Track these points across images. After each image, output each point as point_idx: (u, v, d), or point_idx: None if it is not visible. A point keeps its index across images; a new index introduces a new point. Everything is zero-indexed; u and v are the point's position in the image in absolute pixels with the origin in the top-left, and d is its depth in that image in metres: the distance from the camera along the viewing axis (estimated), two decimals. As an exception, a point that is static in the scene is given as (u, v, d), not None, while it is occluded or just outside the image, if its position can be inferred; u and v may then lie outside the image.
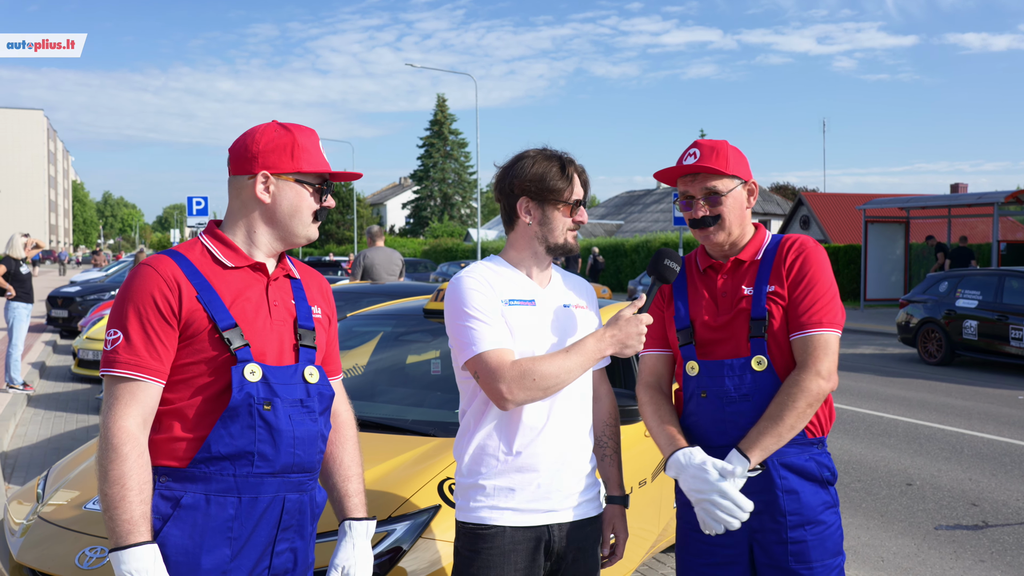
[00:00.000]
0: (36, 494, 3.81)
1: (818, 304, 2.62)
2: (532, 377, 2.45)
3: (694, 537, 2.73)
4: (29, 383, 11.67)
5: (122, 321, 2.15)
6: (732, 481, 2.51)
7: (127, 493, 2.06)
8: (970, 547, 5.82)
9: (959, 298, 14.40)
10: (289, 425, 2.23)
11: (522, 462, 2.55)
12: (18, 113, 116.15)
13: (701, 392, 2.70)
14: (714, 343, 2.71)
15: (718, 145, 2.73)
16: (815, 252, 2.70)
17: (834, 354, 2.60)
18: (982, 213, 24.16)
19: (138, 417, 2.12)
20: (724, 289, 2.75)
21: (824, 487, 2.69)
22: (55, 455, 8.20)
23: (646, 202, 58.51)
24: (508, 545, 2.54)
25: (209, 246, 2.30)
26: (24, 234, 12.34)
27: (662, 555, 5.54)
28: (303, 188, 2.31)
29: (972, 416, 10.13)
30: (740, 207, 2.73)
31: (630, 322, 2.54)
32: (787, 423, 2.54)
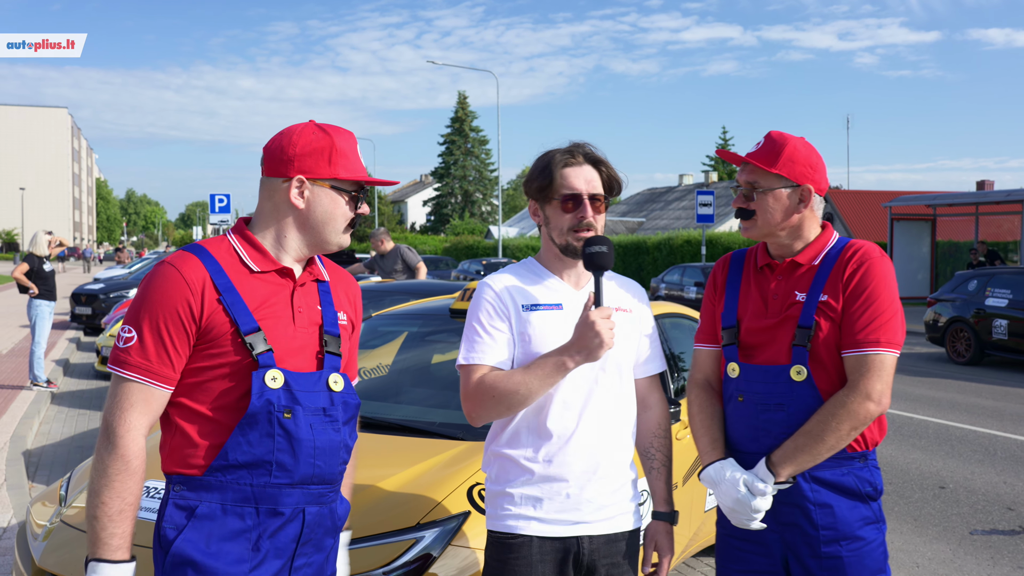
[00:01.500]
0: (59, 496, 3.76)
1: (877, 321, 2.47)
2: (491, 395, 2.40)
3: (732, 544, 2.68)
4: (53, 381, 11.68)
5: (138, 321, 2.08)
6: (761, 499, 2.49)
7: (128, 509, 2.03)
8: (1008, 553, 5.68)
9: (989, 297, 14.20)
10: (310, 434, 2.14)
11: (549, 471, 2.48)
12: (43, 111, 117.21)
13: (739, 395, 2.63)
14: (757, 347, 2.62)
15: (783, 141, 2.59)
16: (879, 263, 2.53)
17: (888, 376, 2.46)
18: (1010, 211, 23.86)
19: (147, 427, 2.06)
20: (776, 291, 2.63)
21: (864, 502, 2.57)
22: (79, 453, 8.19)
23: (668, 199, 58.25)
24: (536, 556, 2.46)
25: (236, 246, 2.22)
26: (47, 232, 12.38)
27: (693, 559, 5.45)
28: (339, 196, 2.23)
29: (1004, 417, 9.95)
30: (780, 208, 2.57)
31: (585, 325, 2.33)
32: (826, 443, 2.45)
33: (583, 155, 2.57)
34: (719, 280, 2.80)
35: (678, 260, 34.21)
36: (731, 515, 2.56)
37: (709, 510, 4.83)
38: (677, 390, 4.77)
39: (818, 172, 2.60)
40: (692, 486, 4.57)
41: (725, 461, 2.58)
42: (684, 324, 5.29)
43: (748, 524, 2.52)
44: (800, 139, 2.61)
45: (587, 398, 2.50)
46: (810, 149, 2.61)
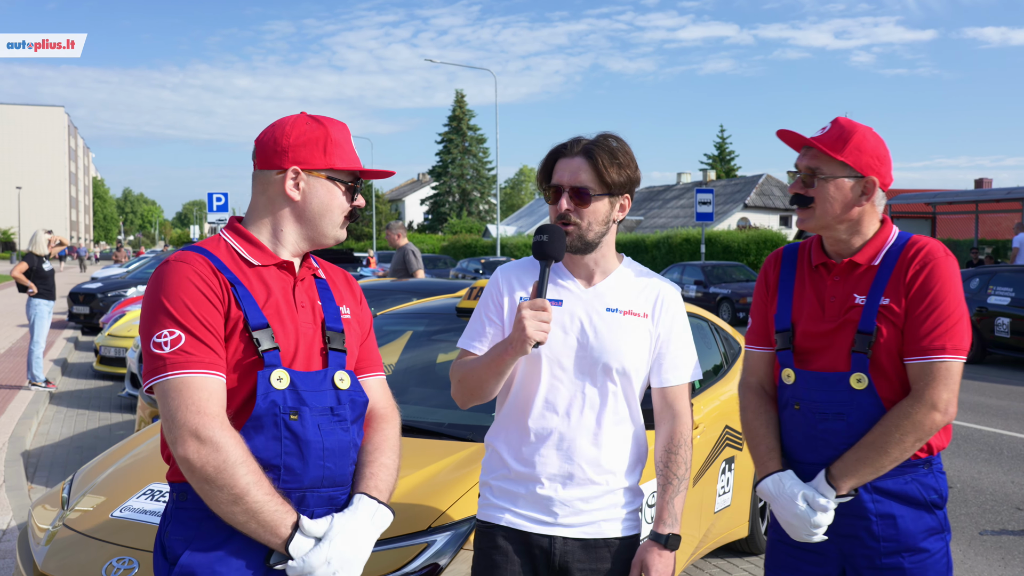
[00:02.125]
0: (61, 499, 3.69)
1: (943, 326, 2.33)
2: (457, 377, 2.49)
3: (784, 551, 2.58)
4: (51, 380, 11.61)
5: (174, 318, 1.96)
6: (823, 515, 2.38)
7: (265, 482, 1.97)
8: (1019, 553, 5.63)
9: (991, 295, 14.14)
10: (318, 436, 2.07)
11: (524, 469, 2.44)
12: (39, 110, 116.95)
13: (795, 403, 2.51)
14: (813, 352, 2.48)
15: (851, 129, 2.43)
16: (944, 264, 2.38)
17: (955, 384, 2.34)
18: (1010, 208, 23.83)
19: (224, 416, 1.97)
20: (833, 293, 2.48)
21: (930, 511, 2.45)
22: (78, 454, 8.13)
23: (666, 198, 58.22)
24: (512, 548, 2.44)
25: (233, 244, 2.15)
26: (47, 231, 12.31)
27: (702, 561, 5.39)
28: (335, 186, 2.17)
29: (1009, 416, 9.90)
30: (842, 199, 2.41)
31: (516, 319, 2.21)
32: (890, 456, 2.35)
33: (581, 146, 2.46)
34: (771, 278, 2.66)
35: (677, 258, 34.16)
36: (789, 529, 2.46)
37: (719, 511, 4.78)
38: (686, 390, 4.71)
39: (885, 165, 2.45)
40: (702, 487, 4.51)
41: (784, 473, 2.47)
42: (691, 323, 5.21)
43: (808, 539, 2.42)
44: (869, 128, 2.46)
45: (571, 401, 2.41)
46: (879, 140, 2.46)
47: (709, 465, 4.59)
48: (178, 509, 2.05)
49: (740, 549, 5.45)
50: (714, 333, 5.46)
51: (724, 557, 5.45)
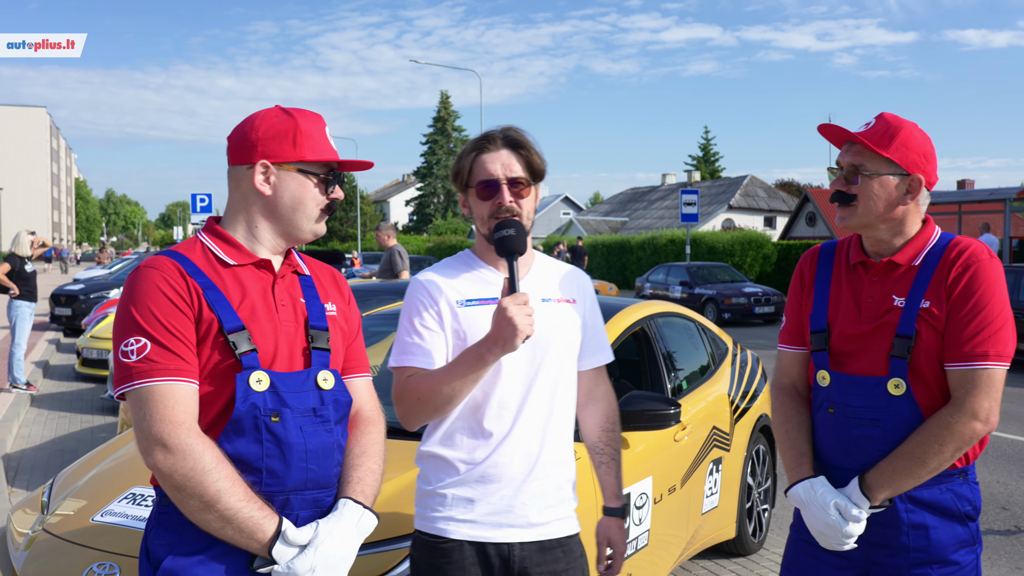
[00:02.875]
0: (41, 503, 3.63)
1: (986, 331, 2.24)
2: (415, 395, 2.30)
3: (806, 551, 2.50)
4: (33, 383, 11.50)
5: (141, 327, 1.94)
6: (855, 525, 2.31)
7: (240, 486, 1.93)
8: (1004, 553, 5.63)
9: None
10: (300, 438, 2.03)
11: (484, 472, 2.36)
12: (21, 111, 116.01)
13: (829, 407, 2.44)
14: (850, 355, 2.41)
15: (898, 125, 2.35)
16: (988, 267, 2.29)
17: (997, 392, 2.24)
18: (993, 209, 23.94)
19: (193, 423, 1.93)
20: (871, 294, 2.40)
21: (963, 523, 2.36)
22: (59, 456, 8.04)
23: (651, 199, 58.29)
24: (468, 560, 2.35)
25: (209, 244, 2.11)
26: (30, 232, 12.18)
27: (690, 562, 5.37)
28: (307, 179, 2.11)
29: (993, 416, 9.91)
30: (886, 198, 2.34)
31: (499, 314, 2.16)
32: (928, 466, 2.27)
33: (501, 139, 2.44)
34: (807, 276, 2.58)
35: (662, 259, 34.20)
36: (820, 538, 2.38)
37: (707, 512, 4.76)
38: (673, 390, 4.70)
39: (931, 164, 2.37)
40: (690, 487, 4.49)
41: (816, 480, 2.39)
42: (676, 323, 5.22)
43: (839, 547, 2.35)
44: (915, 124, 2.39)
45: (525, 396, 2.39)
46: (925, 138, 2.38)
47: (697, 466, 4.57)
48: (161, 514, 2.02)
49: (728, 550, 5.43)
50: (701, 333, 5.44)
51: (712, 559, 5.43)
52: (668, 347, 4.89)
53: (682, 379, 4.94)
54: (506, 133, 2.45)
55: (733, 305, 21.06)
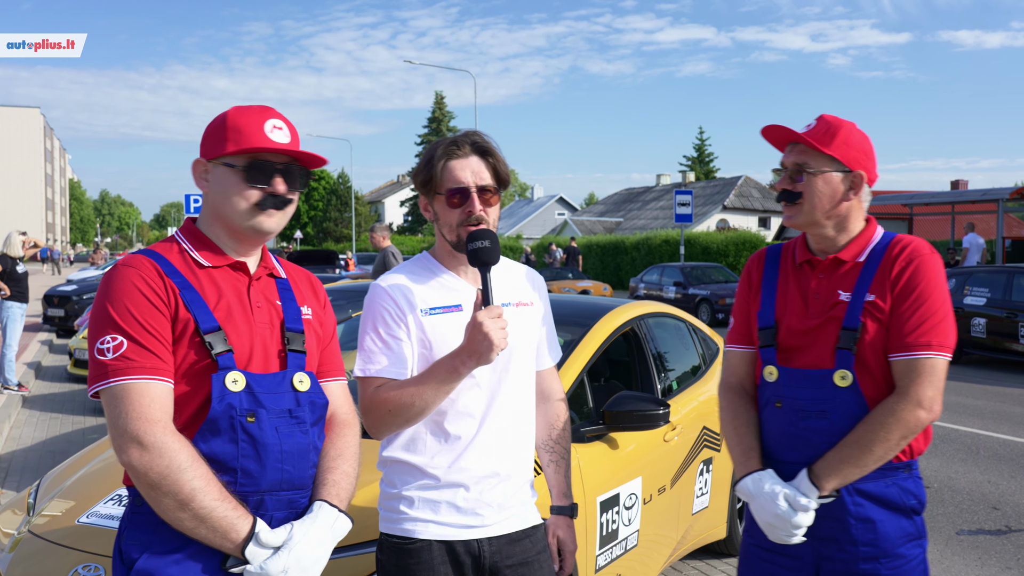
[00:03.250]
0: (27, 505, 3.62)
1: (928, 323, 2.31)
2: (386, 408, 2.27)
3: (758, 555, 2.54)
4: (24, 384, 11.47)
5: (117, 324, 1.94)
6: (804, 515, 2.33)
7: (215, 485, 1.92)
8: (995, 553, 5.64)
9: (967, 295, 14.22)
10: (276, 438, 2.03)
11: (449, 477, 2.37)
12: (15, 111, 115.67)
13: (776, 401, 2.48)
14: (797, 349, 2.46)
15: (837, 124, 2.42)
16: (929, 261, 2.37)
17: (940, 381, 2.32)
18: (986, 210, 24.02)
19: (168, 421, 1.93)
20: (817, 290, 2.46)
21: (908, 516, 2.42)
22: (50, 458, 8.01)
23: (645, 199, 58.34)
24: (436, 560, 2.35)
25: (186, 245, 2.12)
26: (21, 232, 12.13)
27: (680, 563, 5.36)
28: (229, 171, 2.07)
29: (985, 416, 9.95)
30: (831, 194, 2.40)
31: (474, 327, 2.15)
32: (875, 454, 2.31)
33: (469, 145, 2.42)
34: (754, 277, 2.64)
35: (656, 260, 34.22)
36: (769, 530, 2.41)
37: (697, 512, 4.75)
38: (663, 391, 4.70)
39: (871, 160, 2.45)
40: (680, 488, 4.49)
41: (764, 472, 2.43)
42: (668, 323, 5.22)
43: (788, 540, 2.38)
44: (854, 124, 2.46)
45: (490, 402, 2.40)
46: (864, 136, 2.45)
47: (687, 466, 4.57)
48: (134, 513, 2.02)
49: (719, 550, 5.43)
50: (692, 334, 5.44)
51: (702, 559, 5.43)
52: (658, 347, 4.88)
53: (672, 379, 4.94)
54: (473, 139, 2.43)
55: (727, 305, 21.05)
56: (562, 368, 3.93)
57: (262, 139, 2.07)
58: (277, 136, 2.10)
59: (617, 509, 3.86)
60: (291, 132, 2.14)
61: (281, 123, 2.12)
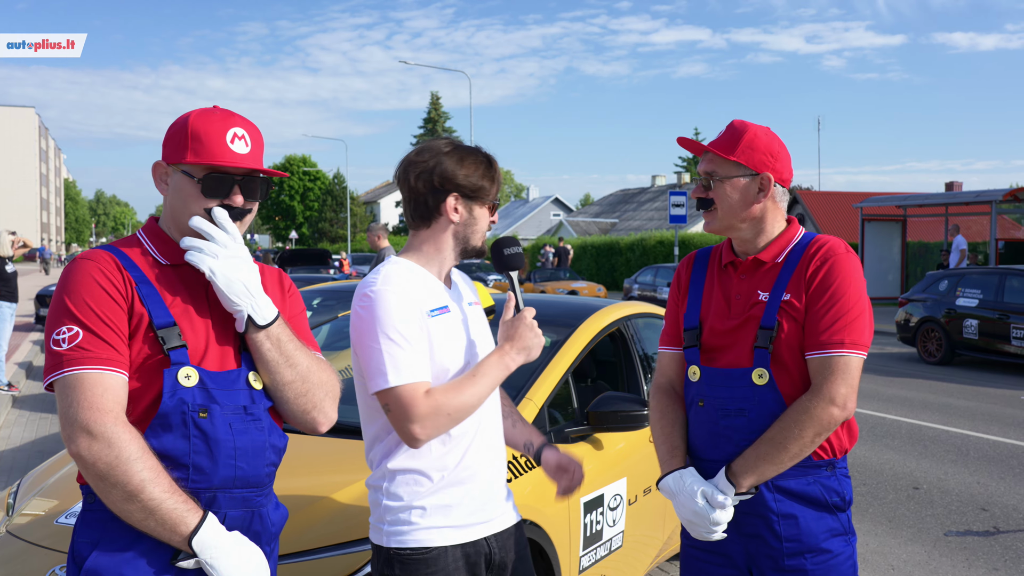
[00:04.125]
0: (7, 505, 3.60)
1: (841, 320, 2.35)
2: (446, 412, 2.26)
3: (694, 555, 2.61)
4: (14, 384, 11.44)
5: (74, 315, 1.94)
6: (721, 511, 2.39)
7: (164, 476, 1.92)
8: (983, 554, 5.64)
9: (959, 297, 14.25)
10: (229, 434, 2.02)
11: (459, 476, 2.39)
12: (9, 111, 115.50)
13: (699, 400, 2.54)
14: (719, 349, 2.51)
15: (743, 129, 2.50)
16: (844, 260, 2.41)
17: (854, 379, 2.35)
18: (979, 211, 24.06)
19: (121, 412, 1.92)
20: (739, 291, 2.52)
21: (831, 512, 2.46)
22: (39, 458, 7.99)
23: (640, 200, 58.36)
24: (452, 565, 2.35)
25: (146, 243, 2.12)
26: (11, 232, 12.09)
27: (666, 563, 5.36)
28: (188, 180, 2.07)
29: (976, 417, 9.96)
30: (740, 198, 2.47)
31: (522, 325, 2.33)
32: (789, 451, 2.35)
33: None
34: (683, 279, 2.71)
35: (651, 261, 34.26)
36: (690, 527, 2.48)
37: (683, 514, 4.74)
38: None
39: (780, 161, 2.50)
40: (666, 489, 4.48)
41: (684, 470, 2.49)
42: (656, 324, 5.20)
43: (708, 536, 2.43)
44: (763, 127, 2.53)
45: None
46: (772, 137, 2.51)
47: (673, 467, 4.56)
48: (86, 511, 2.01)
49: (706, 551, 5.41)
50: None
51: (690, 560, 5.41)
52: (645, 348, 4.87)
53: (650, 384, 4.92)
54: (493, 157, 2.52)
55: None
56: (547, 369, 3.93)
57: (221, 152, 2.06)
58: (238, 147, 2.08)
59: (601, 510, 3.85)
60: (253, 140, 2.13)
61: (243, 131, 2.11)
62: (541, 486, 3.48)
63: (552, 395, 3.84)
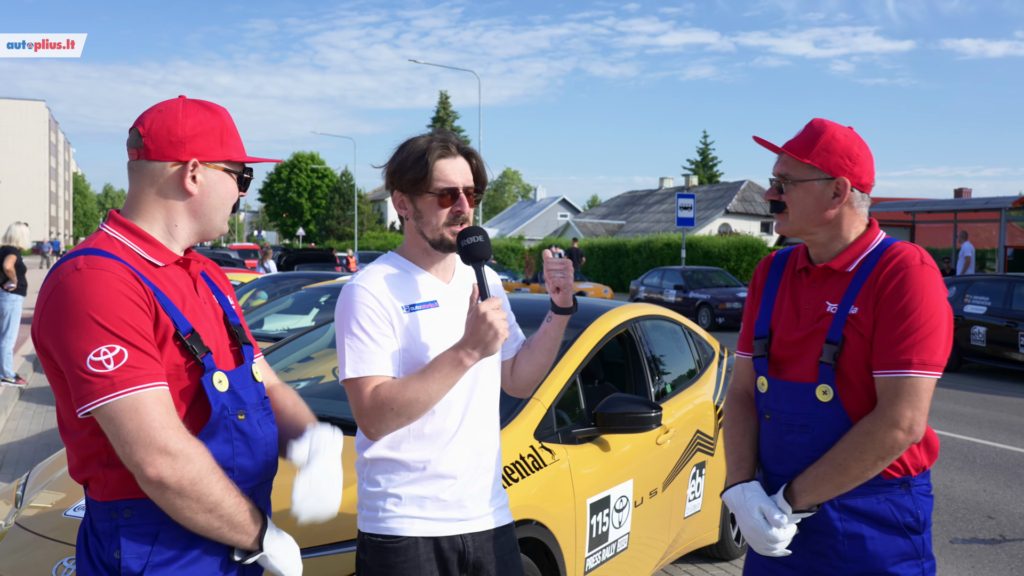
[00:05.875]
0: (15, 497, 3.61)
1: (912, 338, 2.21)
2: (390, 407, 2.24)
3: (761, 562, 2.51)
4: (22, 376, 11.46)
5: (112, 333, 1.81)
6: (779, 529, 2.31)
7: (234, 490, 1.93)
8: (988, 562, 5.62)
9: (967, 304, 14.20)
10: (261, 431, 2.05)
11: (437, 469, 2.39)
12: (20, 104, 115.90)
13: (767, 413, 2.46)
14: (786, 361, 2.42)
15: (821, 129, 2.38)
16: (919, 272, 2.26)
17: (922, 402, 2.22)
18: (988, 218, 23.97)
19: (183, 425, 1.87)
20: (808, 300, 2.41)
21: (904, 535, 2.32)
22: (46, 450, 8.01)
23: (648, 202, 58.29)
24: (423, 557, 2.36)
25: (128, 243, 1.98)
26: (24, 223, 12.10)
27: (672, 566, 5.35)
28: (230, 178, 2.07)
29: (983, 424, 9.93)
30: (813, 202, 2.36)
31: (477, 320, 2.22)
32: (850, 474, 2.25)
33: (456, 146, 2.45)
34: (758, 283, 2.61)
35: (658, 263, 34.23)
36: (751, 542, 2.40)
37: (689, 516, 4.74)
38: (658, 394, 4.68)
39: (859, 165, 2.37)
40: (672, 491, 4.48)
41: (748, 484, 2.42)
42: (664, 326, 5.20)
43: (768, 552, 2.35)
44: (844, 128, 2.40)
45: (470, 395, 2.45)
46: (852, 139, 2.38)
47: (680, 470, 4.56)
48: (126, 526, 1.90)
49: (710, 555, 5.41)
50: (687, 337, 5.42)
51: (694, 563, 5.41)
52: (653, 350, 4.87)
53: (667, 382, 4.93)
54: (458, 141, 2.47)
55: (727, 310, 21.04)
56: (554, 369, 3.93)
57: (244, 148, 2.12)
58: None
59: (607, 511, 3.85)
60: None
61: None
62: (547, 486, 3.49)
63: (560, 396, 3.84)
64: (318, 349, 5.10)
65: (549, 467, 3.54)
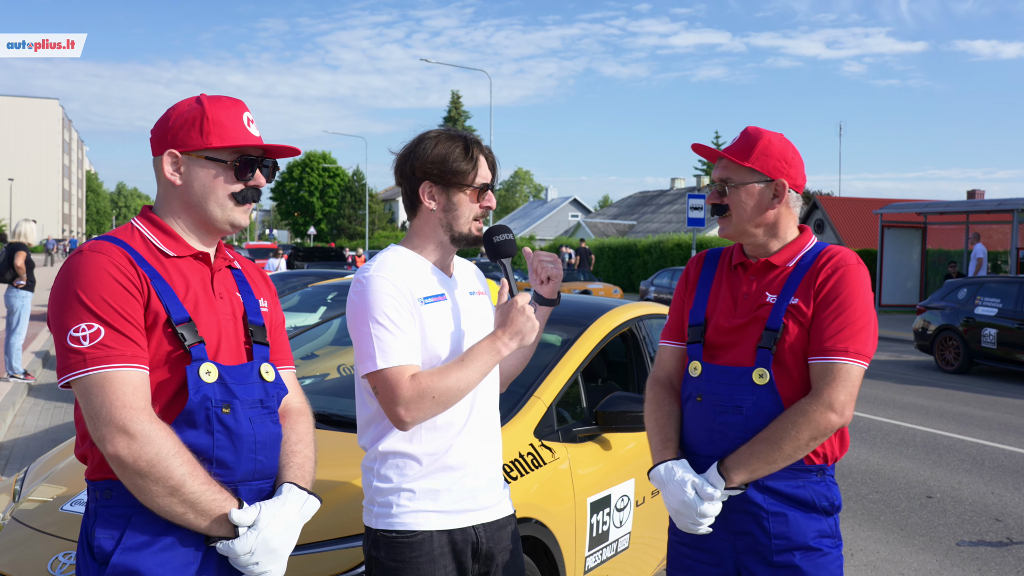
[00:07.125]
0: (14, 491, 3.61)
1: (847, 330, 2.39)
2: (431, 395, 2.27)
3: (681, 552, 2.63)
4: (31, 372, 11.51)
5: (92, 311, 1.89)
6: (710, 504, 2.41)
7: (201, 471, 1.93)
8: (995, 565, 5.58)
9: (978, 305, 14.12)
10: (250, 429, 2.04)
11: (449, 461, 2.41)
12: (34, 102, 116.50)
13: (697, 396, 2.57)
14: (723, 347, 2.55)
15: (757, 135, 2.55)
16: (854, 272, 2.46)
17: (853, 387, 2.39)
18: (1001, 220, 23.82)
19: (151, 409, 1.90)
20: (747, 291, 2.56)
21: (822, 515, 2.48)
22: (52, 447, 8.00)
23: (659, 203, 58.23)
24: (437, 551, 2.37)
25: (147, 233, 2.08)
26: (32, 220, 12.16)
27: (673, 567, 5.32)
28: (214, 166, 2.07)
29: (992, 427, 9.87)
30: (754, 204, 2.52)
31: (515, 311, 2.35)
32: (783, 451, 2.39)
33: (481, 145, 2.52)
34: (691, 276, 2.75)
35: (668, 263, 34.18)
36: (677, 518, 2.50)
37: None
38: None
39: (793, 167, 2.53)
40: (674, 492, 4.45)
41: (676, 461, 2.51)
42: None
43: (694, 529, 2.45)
44: (777, 134, 2.56)
45: (477, 387, 2.46)
46: (786, 144, 2.55)
47: (682, 469, 4.52)
48: (103, 507, 1.98)
49: (714, 555, 5.37)
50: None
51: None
52: (656, 349, 4.83)
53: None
54: (479, 140, 2.53)
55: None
56: (556, 367, 3.91)
57: (244, 135, 2.10)
58: (253, 130, 2.14)
59: (608, 510, 3.83)
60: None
61: (252, 116, 2.16)
62: (547, 484, 3.47)
63: (561, 394, 3.82)
64: (322, 346, 5.09)
65: (549, 465, 3.52)
